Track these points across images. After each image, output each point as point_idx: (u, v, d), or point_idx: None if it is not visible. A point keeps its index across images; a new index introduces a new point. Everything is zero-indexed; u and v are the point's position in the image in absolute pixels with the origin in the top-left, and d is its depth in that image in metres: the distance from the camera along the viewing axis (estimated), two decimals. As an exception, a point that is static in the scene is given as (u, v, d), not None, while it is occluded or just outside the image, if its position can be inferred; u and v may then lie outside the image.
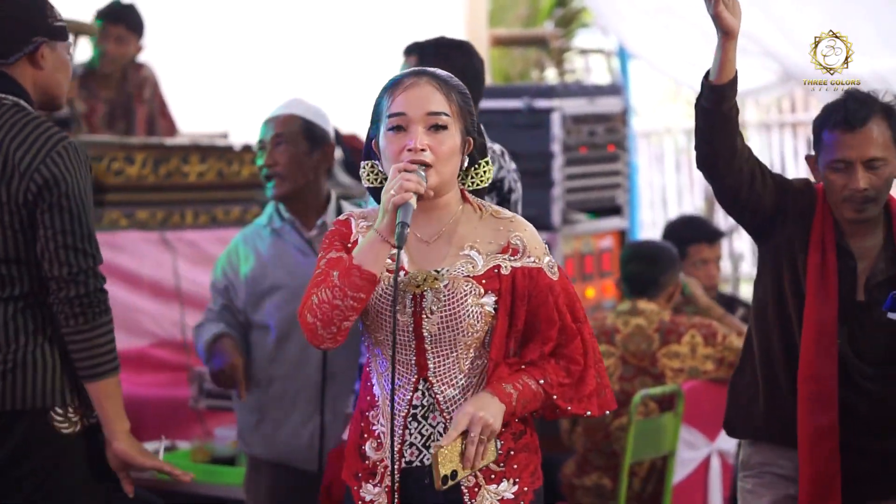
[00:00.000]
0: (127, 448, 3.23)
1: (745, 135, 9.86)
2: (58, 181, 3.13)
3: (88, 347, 3.19)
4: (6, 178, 3.12)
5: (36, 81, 3.26)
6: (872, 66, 5.86)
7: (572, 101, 6.16)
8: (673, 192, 9.44)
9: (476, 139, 2.74)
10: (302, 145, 3.96)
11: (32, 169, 3.12)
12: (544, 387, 2.69)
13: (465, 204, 2.76)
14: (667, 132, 9.64)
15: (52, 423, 3.22)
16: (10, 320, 3.19)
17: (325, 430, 3.98)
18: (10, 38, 3.20)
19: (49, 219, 3.13)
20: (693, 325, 4.73)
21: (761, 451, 3.35)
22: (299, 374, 3.99)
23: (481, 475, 2.68)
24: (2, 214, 3.13)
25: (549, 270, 2.73)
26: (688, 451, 4.76)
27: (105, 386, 3.21)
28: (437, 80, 2.70)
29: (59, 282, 3.15)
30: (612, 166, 6.43)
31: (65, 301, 3.15)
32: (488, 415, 2.62)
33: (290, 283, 3.96)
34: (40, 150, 3.13)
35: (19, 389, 3.19)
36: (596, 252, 6.23)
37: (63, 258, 3.14)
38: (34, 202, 3.12)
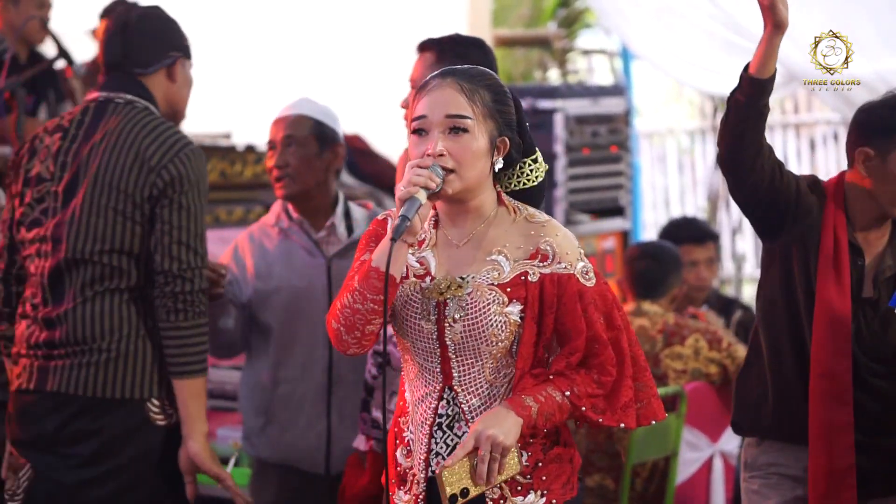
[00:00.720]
0: (201, 450, 3.34)
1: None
2: (182, 180, 3.30)
3: (184, 345, 3.31)
4: (135, 170, 3.29)
5: (167, 94, 3.48)
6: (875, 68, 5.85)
7: (575, 102, 6.16)
8: (675, 193, 9.44)
9: (513, 138, 2.66)
10: (312, 146, 3.95)
11: (161, 165, 3.29)
12: (571, 398, 2.59)
13: (500, 207, 2.68)
14: (669, 133, 9.63)
15: (148, 414, 3.34)
16: (115, 310, 3.32)
17: (331, 432, 3.97)
18: (153, 51, 3.44)
19: (168, 214, 3.28)
20: (697, 330, 4.73)
21: (768, 451, 3.34)
22: (306, 377, 3.97)
23: (507, 487, 2.62)
24: (125, 205, 3.30)
25: (581, 276, 2.62)
26: (690, 451, 4.76)
27: (193, 385, 3.32)
28: (463, 80, 2.63)
29: (167, 276, 3.29)
30: (614, 167, 6.42)
31: (169, 296, 3.29)
32: (498, 432, 2.54)
33: (297, 284, 3.96)
34: (170, 150, 3.31)
35: (120, 379, 3.30)
36: (599, 253, 6.23)
37: (174, 253, 3.28)
38: (158, 197, 3.29)
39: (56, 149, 3.38)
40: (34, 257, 3.37)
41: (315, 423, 3.97)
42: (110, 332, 3.31)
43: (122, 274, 3.32)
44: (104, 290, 3.31)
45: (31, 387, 3.34)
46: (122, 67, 3.42)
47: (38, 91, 5.68)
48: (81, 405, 3.31)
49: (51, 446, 3.32)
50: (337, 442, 3.96)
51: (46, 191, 3.37)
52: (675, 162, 9.44)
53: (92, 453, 3.31)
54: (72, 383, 3.30)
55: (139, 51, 3.43)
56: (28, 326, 3.37)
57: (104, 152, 3.32)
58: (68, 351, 3.31)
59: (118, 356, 3.31)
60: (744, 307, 5.78)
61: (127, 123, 3.35)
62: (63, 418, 3.31)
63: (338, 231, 3.98)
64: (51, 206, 3.36)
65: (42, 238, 3.36)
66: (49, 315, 3.34)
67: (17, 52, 5.54)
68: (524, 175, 2.71)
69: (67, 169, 3.35)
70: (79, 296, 3.31)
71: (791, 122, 9.06)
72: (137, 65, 3.43)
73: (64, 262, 3.32)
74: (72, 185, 3.34)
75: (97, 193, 3.31)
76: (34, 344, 3.35)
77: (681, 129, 9.58)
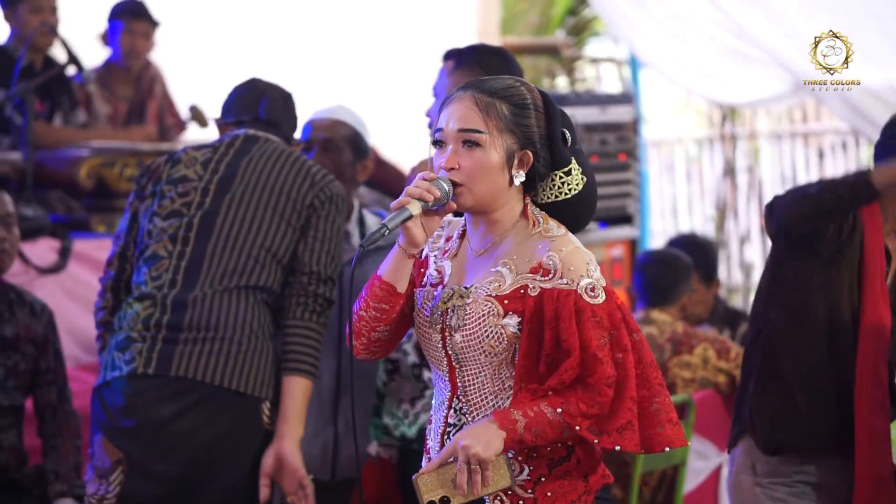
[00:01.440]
0: (296, 450, 3.39)
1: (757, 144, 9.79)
2: (338, 199, 3.51)
3: (309, 345, 3.41)
4: (300, 180, 3.48)
5: None
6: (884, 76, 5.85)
7: (583, 110, 6.16)
8: (683, 202, 9.43)
9: (537, 152, 2.62)
10: (347, 155, 3.98)
11: (324, 184, 3.50)
12: (564, 416, 2.53)
13: (522, 219, 2.65)
14: (678, 141, 9.63)
15: (261, 415, 3.38)
16: (251, 307, 3.40)
17: (338, 439, 3.97)
18: (293, 129, 3.69)
19: (323, 224, 3.47)
20: (706, 339, 4.72)
21: (791, 460, 3.31)
22: (314, 383, 3.98)
23: (508, 501, 2.59)
24: (286, 207, 3.46)
25: (586, 293, 2.56)
26: (698, 461, 4.75)
27: (304, 385, 3.40)
28: (482, 93, 2.60)
29: (311, 276, 3.43)
30: (623, 175, 6.42)
31: (312, 295, 3.43)
32: (475, 443, 2.50)
33: None
34: (327, 175, 3.54)
35: (245, 373, 3.36)
36: (607, 261, 6.22)
37: (323, 260, 3.45)
38: (318, 207, 3.47)
39: (205, 159, 3.51)
40: (168, 244, 3.41)
41: (322, 430, 3.97)
42: (242, 326, 3.36)
43: (262, 271, 3.41)
44: (243, 285, 3.39)
45: (150, 371, 3.31)
46: (279, 130, 3.62)
47: (52, 97, 5.69)
48: (204, 393, 3.31)
49: (160, 435, 3.30)
50: (343, 449, 3.96)
51: (193, 187, 3.46)
52: (684, 170, 9.43)
53: (202, 446, 3.31)
54: (199, 369, 3.31)
55: (291, 124, 3.67)
56: (147, 308, 3.37)
57: (265, 163, 3.49)
58: (196, 336, 3.33)
59: (247, 350, 3.36)
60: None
61: (283, 151, 3.54)
62: (183, 405, 3.31)
63: (352, 240, 3.99)
64: (196, 201, 3.44)
65: (186, 225, 3.41)
66: (180, 297, 3.36)
67: (33, 59, 5.55)
68: (555, 188, 2.66)
69: (220, 172, 3.48)
70: (217, 284, 3.37)
71: (799, 131, 9.05)
72: (287, 133, 3.65)
73: (210, 248, 3.39)
74: (224, 183, 3.45)
75: (258, 189, 3.45)
76: (155, 325, 3.34)
77: (689, 138, 9.57)
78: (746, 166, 9.20)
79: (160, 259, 3.40)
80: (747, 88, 6.29)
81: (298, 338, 3.40)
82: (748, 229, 9.07)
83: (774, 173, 9.14)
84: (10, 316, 3.85)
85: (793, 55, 5.91)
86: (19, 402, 3.86)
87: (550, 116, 2.64)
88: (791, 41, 5.91)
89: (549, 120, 2.64)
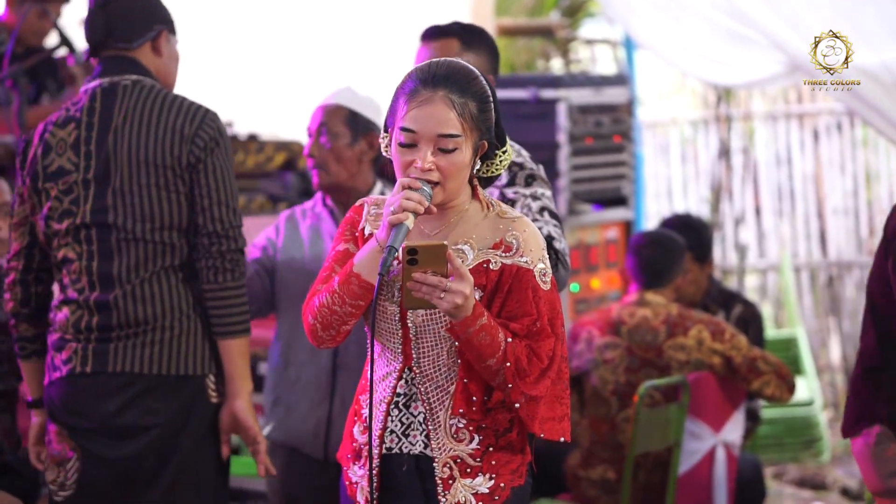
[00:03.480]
0: (246, 406, 3.41)
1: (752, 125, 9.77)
2: (216, 143, 3.37)
3: (233, 304, 3.38)
4: (169, 142, 3.35)
5: (156, 69, 3.50)
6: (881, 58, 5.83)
7: (578, 92, 6.14)
8: (678, 183, 9.42)
9: (491, 140, 2.70)
10: (344, 136, 3.99)
11: (194, 134, 3.35)
12: (506, 347, 2.63)
13: (474, 202, 2.74)
14: (673, 123, 9.61)
15: (207, 391, 3.41)
16: (173, 289, 3.37)
17: (332, 419, 3.98)
18: (136, 24, 3.44)
19: (204, 178, 3.36)
20: (701, 321, 4.72)
21: None
22: (313, 361, 4.01)
23: (456, 468, 2.69)
24: (167, 179, 3.35)
25: (539, 277, 2.68)
26: (693, 442, 4.75)
27: (240, 344, 3.40)
28: (454, 92, 2.64)
29: (212, 237, 3.36)
30: (617, 157, 6.41)
31: (217, 255, 3.36)
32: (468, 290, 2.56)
33: (315, 270, 3.98)
34: (195, 117, 3.37)
35: (184, 355, 3.37)
36: (601, 243, 6.22)
37: (217, 214, 3.36)
38: (195, 163, 3.36)
39: (74, 139, 3.40)
40: (74, 245, 3.38)
41: (317, 408, 4.00)
42: (171, 311, 3.36)
43: (173, 250, 3.37)
44: (159, 269, 3.36)
45: (89, 370, 3.34)
46: (107, 44, 3.44)
47: (38, 79, 5.67)
48: (147, 384, 3.33)
49: (109, 428, 3.33)
50: (336, 428, 3.98)
51: (74, 181, 3.39)
52: (679, 152, 9.41)
53: (154, 433, 3.33)
54: (136, 362, 3.33)
55: (122, 26, 3.45)
56: (73, 312, 3.38)
57: (131, 133, 3.37)
58: (129, 332, 3.34)
59: (181, 333, 3.36)
60: (745, 302, 5.75)
61: (145, 102, 3.39)
62: (127, 398, 3.33)
63: None
64: (81, 195, 3.38)
65: (83, 225, 3.37)
66: (102, 298, 3.35)
67: (15, 47, 5.53)
68: (494, 165, 2.75)
69: (93, 157, 3.38)
70: (134, 277, 3.35)
71: (794, 112, 9.04)
72: (122, 40, 3.44)
73: (114, 243, 3.35)
74: (103, 172, 3.37)
75: (136, 173, 3.35)
76: (85, 328, 3.35)
77: (684, 119, 9.55)
78: (741, 147, 9.19)
79: (71, 262, 3.39)
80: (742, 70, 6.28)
81: (217, 301, 3.38)
82: (743, 210, 9.06)
83: (769, 154, 9.12)
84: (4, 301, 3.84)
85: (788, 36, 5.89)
86: (13, 387, 3.86)
87: (496, 103, 2.72)
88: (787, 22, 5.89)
89: (496, 106, 2.72)
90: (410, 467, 2.73)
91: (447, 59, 2.72)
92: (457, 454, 2.69)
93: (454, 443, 2.69)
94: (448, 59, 2.71)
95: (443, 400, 2.71)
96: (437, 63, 2.68)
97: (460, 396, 2.68)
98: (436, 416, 2.70)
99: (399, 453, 2.74)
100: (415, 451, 2.73)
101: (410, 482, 2.73)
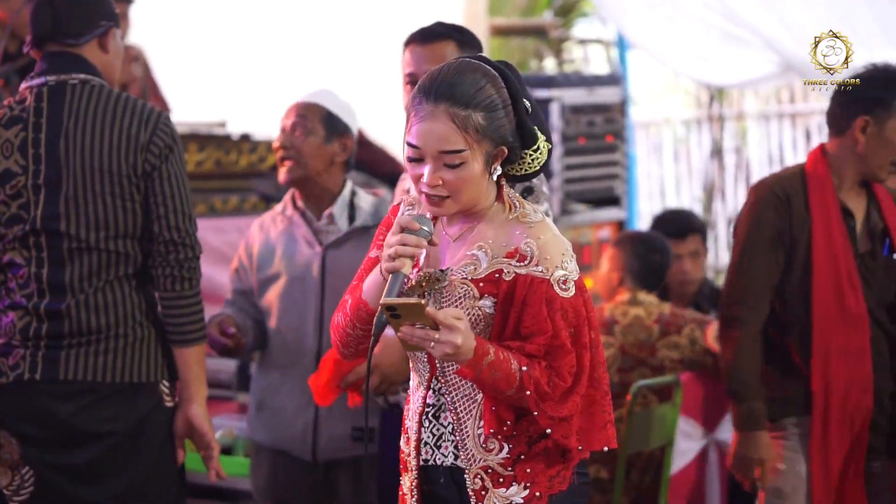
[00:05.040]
0: (202, 412, 3.39)
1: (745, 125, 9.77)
2: (171, 149, 3.31)
3: (189, 313, 3.35)
4: (124, 150, 3.27)
5: (102, 65, 3.39)
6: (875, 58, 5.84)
7: (571, 92, 6.15)
8: (671, 183, 9.43)
9: (511, 144, 2.60)
10: (319, 134, 3.96)
11: (149, 141, 3.28)
12: (523, 376, 2.54)
13: (498, 203, 2.66)
14: (665, 122, 9.62)
15: (162, 396, 3.39)
16: (127, 297, 3.32)
17: (318, 421, 3.97)
18: (83, 21, 3.34)
19: (159, 185, 3.29)
20: (694, 320, 4.72)
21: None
22: (296, 364, 3.99)
23: (489, 478, 2.63)
24: (122, 187, 3.28)
25: (557, 284, 2.58)
26: (685, 441, 4.75)
27: (196, 352, 3.37)
28: (457, 106, 2.54)
29: (168, 245, 3.31)
30: (610, 156, 6.42)
31: (174, 264, 3.31)
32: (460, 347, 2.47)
33: (291, 273, 3.98)
34: (149, 122, 3.29)
35: (137, 363, 3.33)
36: (594, 242, 6.22)
37: (173, 222, 3.30)
38: (150, 171, 3.29)
39: (21, 141, 3.30)
40: (22, 251, 3.31)
41: (303, 411, 3.98)
42: (124, 320, 3.32)
43: (127, 259, 3.32)
44: (113, 278, 3.31)
45: (38, 377, 3.29)
46: (52, 38, 3.34)
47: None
48: (101, 392, 3.30)
49: (61, 435, 3.29)
50: (323, 431, 3.98)
51: (23, 185, 3.30)
52: (671, 151, 9.43)
53: (110, 441, 3.30)
54: (89, 371, 3.29)
55: (69, 21, 3.34)
56: (21, 317, 3.32)
57: (83, 138, 3.28)
58: (80, 340, 3.29)
59: (135, 340, 3.33)
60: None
61: (97, 104, 3.30)
62: (78, 406, 3.29)
63: (338, 221, 3.98)
64: (31, 200, 3.29)
65: (32, 231, 3.30)
66: (52, 306, 3.30)
67: (7, 44, 5.52)
68: (525, 164, 2.66)
69: (42, 161, 3.29)
70: (87, 286, 3.30)
71: (787, 111, 9.05)
72: (68, 35, 3.34)
73: (66, 252, 3.29)
74: (53, 176, 3.29)
75: (90, 180, 3.28)
76: (34, 335, 3.30)
77: (677, 119, 9.56)
78: (734, 147, 9.21)
79: (20, 267, 3.32)
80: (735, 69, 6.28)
81: (174, 309, 3.35)
82: (736, 210, 9.07)
83: (762, 154, 9.14)
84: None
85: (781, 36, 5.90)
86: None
87: (516, 105, 2.61)
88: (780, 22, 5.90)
89: (515, 110, 2.61)
90: (448, 479, 2.67)
91: (454, 65, 2.61)
92: (487, 464, 2.62)
93: (484, 453, 2.62)
94: (455, 67, 2.60)
95: (470, 409, 2.64)
96: (442, 72, 2.59)
97: (491, 418, 2.61)
98: (463, 426, 2.64)
99: (434, 465, 2.69)
100: (447, 462, 2.67)
101: (450, 493, 2.67)
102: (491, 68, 2.61)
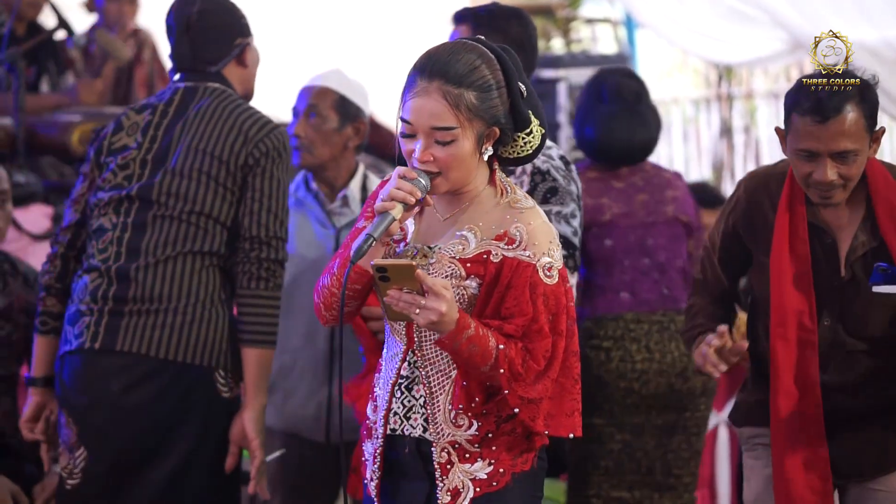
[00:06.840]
0: (256, 421, 3.37)
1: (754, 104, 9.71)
2: (278, 153, 3.39)
3: (263, 314, 3.35)
4: (232, 140, 3.37)
5: (241, 79, 3.53)
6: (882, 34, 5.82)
7: (579, 71, 6.13)
8: (680, 162, 9.41)
9: (503, 125, 2.66)
10: (332, 120, 3.98)
11: (258, 138, 3.37)
12: (499, 353, 2.59)
13: (489, 186, 2.71)
14: (674, 102, 9.59)
15: (216, 384, 3.35)
16: (195, 273, 3.35)
17: (331, 402, 3.98)
18: (220, 44, 3.48)
19: (260, 182, 3.36)
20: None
21: None
22: (308, 346, 4.00)
23: (455, 453, 2.68)
24: (219, 171, 3.36)
25: (542, 271, 2.64)
26: (695, 422, 4.74)
27: (263, 355, 3.36)
28: (449, 84, 2.59)
29: (253, 242, 3.35)
30: (619, 136, 6.37)
31: (255, 261, 3.34)
32: (445, 314, 2.52)
33: (306, 254, 3.98)
34: (265, 126, 3.39)
35: (192, 343, 3.32)
36: (603, 223, 6.19)
37: (264, 220, 3.35)
38: (252, 166, 3.37)
39: (145, 123, 3.44)
40: (112, 216, 3.39)
41: (316, 393, 3.99)
42: (187, 295, 3.34)
43: (205, 235, 3.36)
44: (187, 251, 3.35)
45: (97, 346, 3.32)
46: (195, 68, 3.48)
47: (38, 63, 5.66)
48: (152, 367, 3.31)
49: (112, 408, 3.31)
50: (337, 412, 3.96)
51: (132, 158, 3.41)
52: (680, 131, 9.40)
53: (155, 419, 3.31)
54: (144, 343, 3.31)
55: (206, 50, 3.48)
56: (94, 280, 3.37)
57: (199, 124, 3.39)
58: (140, 308, 3.32)
59: (193, 320, 3.33)
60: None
61: (220, 102, 3.42)
62: (131, 379, 3.31)
63: (351, 204, 4.00)
64: (136, 172, 3.40)
65: (127, 197, 3.38)
66: (124, 268, 3.34)
67: (15, 26, 5.52)
68: (517, 147, 2.72)
69: (157, 141, 3.41)
70: (160, 253, 3.34)
71: (796, 90, 9.03)
72: (209, 63, 3.48)
73: (150, 218, 3.35)
74: (162, 153, 3.39)
75: (191, 158, 3.37)
76: (102, 297, 3.34)
77: (685, 98, 9.54)
78: (743, 126, 9.18)
79: (105, 232, 3.39)
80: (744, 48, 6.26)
81: (248, 307, 3.36)
82: (745, 190, 9.06)
83: (771, 133, 9.11)
84: (4, 286, 3.85)
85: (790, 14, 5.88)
86: (12, 371, 3.86)
87: (510, 87, 2.67)
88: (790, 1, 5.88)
89: (510, 91, 2.67)
90: (412, 449, 2.73)
91: (452, 44, 2.67)
92: (455, 439, 2.68)
93: (453, 428, 2.68)
94: (451, 46, 2.66)
95: (443, 385, 2.69)
96: (438, 51, 2.65)
97: (461, 393, 2.67)
98: (435, 400, 2.69)
99: (402, 435, 2.74)
100: (415, 433, 2.72)
101: (414, 464, 2.73)
102: (488, 50, 2.66)
